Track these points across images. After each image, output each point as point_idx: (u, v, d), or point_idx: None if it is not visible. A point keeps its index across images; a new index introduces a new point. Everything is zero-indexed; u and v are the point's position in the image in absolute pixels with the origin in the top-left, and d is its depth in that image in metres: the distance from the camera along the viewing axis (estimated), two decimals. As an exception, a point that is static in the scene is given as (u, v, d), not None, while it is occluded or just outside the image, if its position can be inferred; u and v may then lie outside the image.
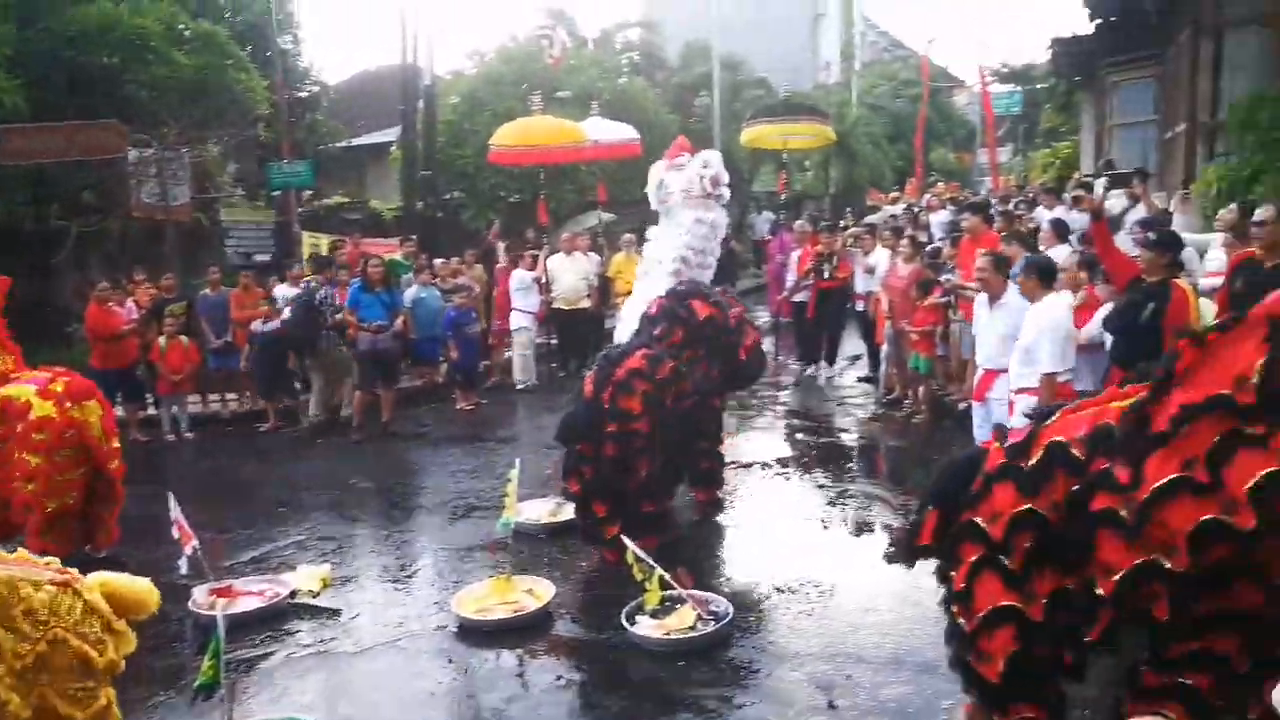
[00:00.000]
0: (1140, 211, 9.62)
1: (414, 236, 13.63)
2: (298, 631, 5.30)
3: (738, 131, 17.08)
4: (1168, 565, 2.80)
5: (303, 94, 19.34)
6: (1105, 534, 2.93)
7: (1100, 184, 11.00)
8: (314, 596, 5.70)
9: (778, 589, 5.53)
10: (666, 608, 5.07)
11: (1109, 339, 5.86)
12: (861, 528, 6.56)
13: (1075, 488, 3.04)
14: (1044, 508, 3.12)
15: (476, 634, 5.13)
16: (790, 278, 11.85)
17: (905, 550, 3.62)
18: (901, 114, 31.52)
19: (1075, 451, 3.08)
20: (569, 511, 6.44)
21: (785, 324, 12.62)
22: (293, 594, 5.67)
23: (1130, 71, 14.87)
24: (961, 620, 3.33)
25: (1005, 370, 5.97)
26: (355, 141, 22.02)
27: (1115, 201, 10.35)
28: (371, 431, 9.67)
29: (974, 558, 3.26)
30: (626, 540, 5.16)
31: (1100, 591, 2.96)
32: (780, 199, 16.39)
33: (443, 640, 5.12)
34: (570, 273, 11.96)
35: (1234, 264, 5.81)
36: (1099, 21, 15.49)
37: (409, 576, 6.10)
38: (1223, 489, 2.72)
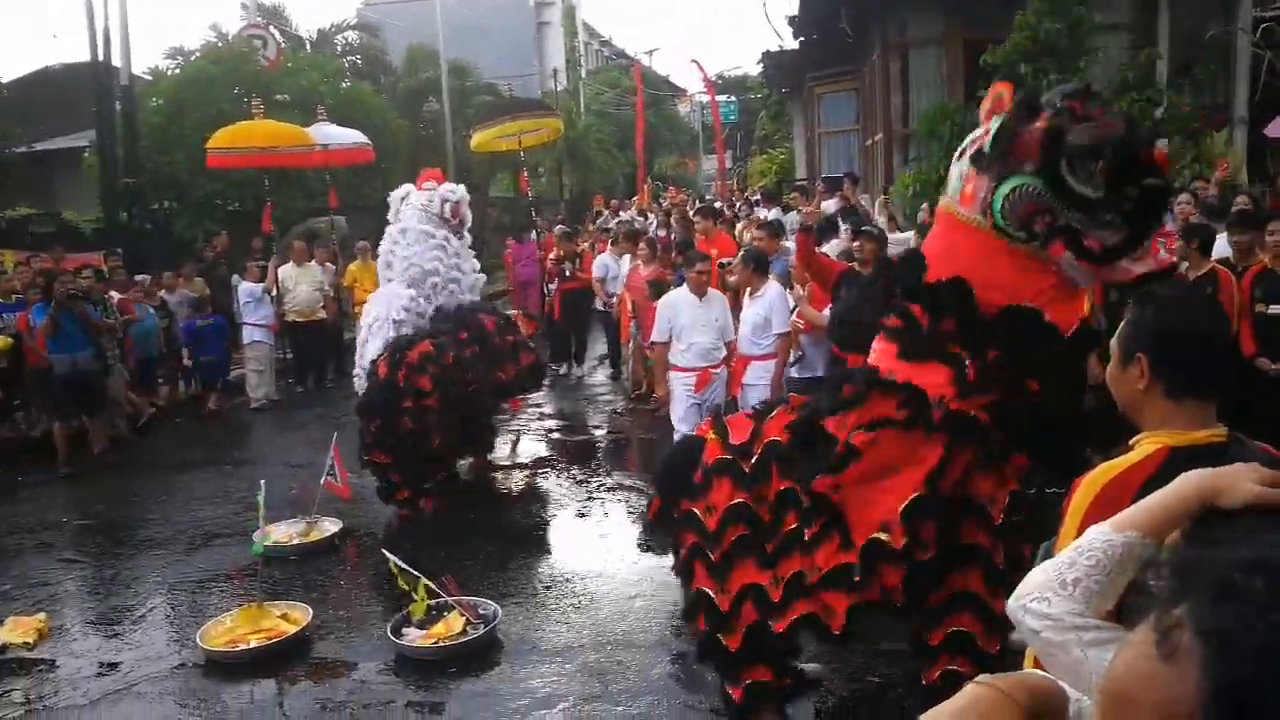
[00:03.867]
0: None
1: (119, 250, 12.38)
2: (10, 690, 4.70)
3: (468, 138, 16.87)
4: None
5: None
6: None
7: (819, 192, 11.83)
8: (29, 650, 5.07)
9: (544, 585, 5.57)
10: (433, 616, 4.97)
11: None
12: (619, 518, 6.72)
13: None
14: (755, 502, 3.40)
15: (228, 668, 4.78)
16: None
17: (644, 525, 3.96)
18: (628, 121, 32.47)
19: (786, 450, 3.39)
20: (323, 530, 6.40)
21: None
22: (2, 649, 5.03)
23: (833, 85, 16.18)
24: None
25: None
26: (39, 146, 19.66)
27: (829, 204, 11.26)
28: (82, 464, 8.66)
29: (691, 543, 3.55)
30: (389, 554, 5.05)
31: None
32: (527, 200, 16.25)
33: (188, 679, 4.72)
34: (304, 283, 11.38)
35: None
36: (802, 39, 16.82)
37: (141, 618, 5.53)
38: None
